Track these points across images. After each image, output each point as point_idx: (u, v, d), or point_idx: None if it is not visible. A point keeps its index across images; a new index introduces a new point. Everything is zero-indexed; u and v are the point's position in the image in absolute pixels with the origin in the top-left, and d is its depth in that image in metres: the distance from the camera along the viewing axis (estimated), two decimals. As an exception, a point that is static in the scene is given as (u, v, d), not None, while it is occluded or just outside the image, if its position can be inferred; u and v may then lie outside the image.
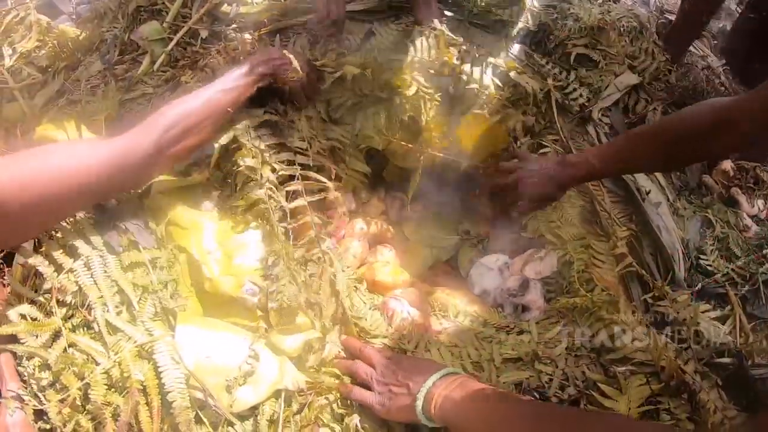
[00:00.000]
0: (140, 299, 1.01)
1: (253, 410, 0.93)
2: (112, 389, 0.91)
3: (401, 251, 1.41)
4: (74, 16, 2.05)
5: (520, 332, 1.19)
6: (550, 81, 1.49)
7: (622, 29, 1.67)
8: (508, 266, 1.33)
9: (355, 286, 1.26)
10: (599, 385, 1.04)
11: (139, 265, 1.05)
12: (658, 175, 1.48)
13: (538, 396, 1.04)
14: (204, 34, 1.56)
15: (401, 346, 1.09)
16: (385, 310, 1.19)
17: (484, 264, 1.34)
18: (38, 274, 1.00)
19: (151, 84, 1.50)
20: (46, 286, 0.99)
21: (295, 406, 0.93)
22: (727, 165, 1.60)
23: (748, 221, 1.51)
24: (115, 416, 0.88)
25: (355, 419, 0.91)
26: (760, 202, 1.55)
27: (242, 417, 0.93)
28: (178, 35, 1.56)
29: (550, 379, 1.07)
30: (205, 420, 0.91)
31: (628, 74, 1.59)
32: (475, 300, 1.29)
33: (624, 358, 1.07)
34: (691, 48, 1.90)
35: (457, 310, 1.23)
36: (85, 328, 0.97)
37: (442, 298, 1.26)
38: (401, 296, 1.22)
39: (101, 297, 0.99)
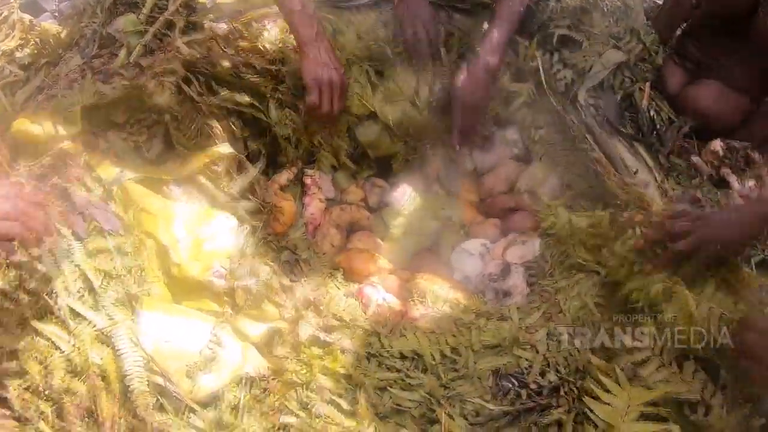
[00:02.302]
0: (103, 285, 0.97)
1: (215, 397, 0.88)
2: (73, 375, 0.87)
3: (381, 238, 1.34)
4: (57, 14, 2.01)
5: (501, 318, 1.13)
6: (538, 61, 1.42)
7: (606, 9, 1.59)
8: (490, 251, 1.26)
9: (330, 273, 1.20)
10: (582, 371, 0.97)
11: (104, 251, 1.01)
12: (645, 154, 1.40)
13: (516, 382, 0.97)
14: (180, 24, 1.51)
15: (376, 330, 1.03)
16: (361, 297, 1.12)
17: (465, 249, 1.27)
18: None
19: (127, 76, 1.45)
20: (12, 274, 0.95)
21: (255, 393, 0.87)
22: (717, 145, 1.51)
23: (740, 202, 1.43)
24: (76, 402, 0.84)
25: (320, 408, 0.85)
26: (751, 183, 1.47)
27: (204, 404, 0.88)
28: (154, 27, 1.52)
29: (530, 366, 1.00)
30: (167, 406, 0.86)
31: (613, 51, 1.51)
32: (457, 286, 1.22)
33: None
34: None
35: (436, 296, 1.16)
36: (51, 315, 0.93)
37: (421, 284, 1.19)
38: (378, 283, 1.16)
39: (64, 283, 0.95)
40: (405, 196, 1.32)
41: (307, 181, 1.32)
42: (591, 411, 0.89)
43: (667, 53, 1.65)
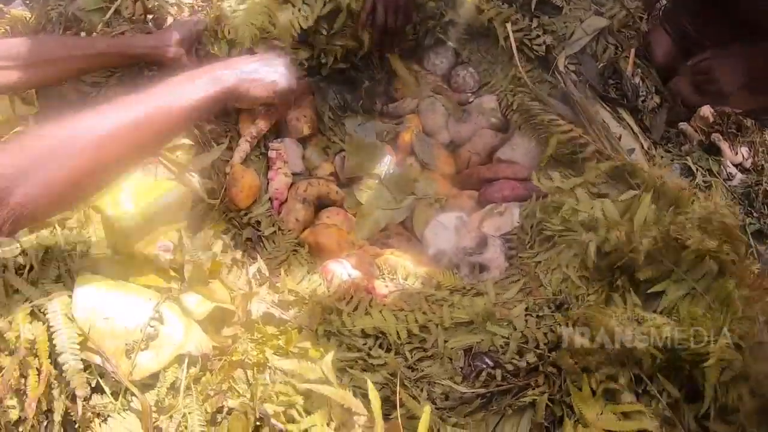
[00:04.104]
0: (44, 260, 0.88)
1: (156, 378, 0.77)
2: (5, 352, 0.78)
3: (351, 214, 1.23)
4: (28, 1, 1.91)
5: (477, 294, 1.01)
6: (508, 26, 1.31)
7: (587, -28, 1.48)
8: (465, 224, 1.15)
9: (294, 250, 1.09)
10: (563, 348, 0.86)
11: (47, 226, 0.92)
12: (630, 120, 1.29)
13: (491, 363, 0.86)
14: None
15: (338, 308, 0.91)
16: (324, 273, 1.01)
17: (440, 222, 1.16)
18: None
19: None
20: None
21: (197, 373, 0.76)
22: (707, 111, 1.40)
23: (732, 169, 1.31)
24: (4, 379, 0.75)
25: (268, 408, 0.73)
26: (744, 150, 1.36)
27: (144, 385, 0.77)
28: (116, 4, 1.41)
29: (506, 344, 0.89)
30: (105, 388, 0.76)
31: (595, 17, 1.40)
32: (429, 262, 1.11)
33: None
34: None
35: (406, 272, 1.06)
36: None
37: (391, 260, 1.08)
38: (344, 259, 1.05)
39: (3, 259, 0.86)
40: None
41: (272, 154, 1.20)
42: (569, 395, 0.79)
43: (655, 21, 1.54)
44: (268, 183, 1.19)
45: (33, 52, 1.01)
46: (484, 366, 0.86)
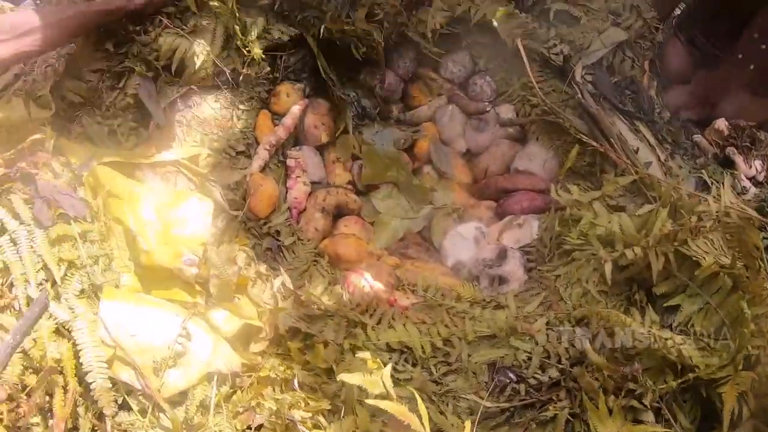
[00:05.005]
0: (66, 275, 0.87)
1: (184, 395, 0.76)
2: (30, 370, 0.77)
3: (369, 223, 1.22)
4: (38, 1, 1.88)
5: (497, 307, 1.01)
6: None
7: (604, -17, 1.45)
8: (485, 235, 1.14)
9: (314, 260, 1.08)
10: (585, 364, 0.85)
11: (68, 239, 0.91)
12: (647, 133, 1.27)
13: (514, 377, 0.85)
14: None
15: (362, 321, 0.90)
16: (346, 285, 1.00)
17: (458, 233, 1.15)
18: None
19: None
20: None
21: (226, 391, 0.75)
22: (722, 124, 1.38)
23: (746, 183, 1.30)
24: (32, 399, 0.75)
25: (296, 414, 0.72)
26: (757, 163, 1.34)
27: (173, 402, 0.76)
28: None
29: (529, 358, 0.88)
30: (132, 405, 0.75)
31: (614, 30, 1.38)
32: (448, 273, 1.10)
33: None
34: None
35: (427, 283, 1.04)
36: (13, 309, 0.83)
37: (411, 271, 1.07)
38: (364, 270, 1.03)
39: (24, 273, 0.85)
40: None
41: (291, 163, 1.19)
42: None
43: (670, 32, 1.53)
44: (286, 192, 1.17)
45: (28, 22, 1.01)
46: (508, 380, 0.85)
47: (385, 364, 0.85)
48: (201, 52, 1.12)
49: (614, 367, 0.83)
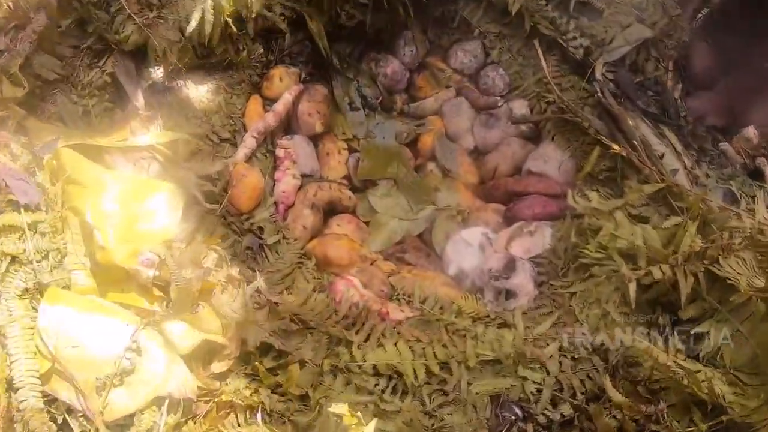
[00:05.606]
0: (7, 270, 0.75)
1: (130, 419, 0.64)
2: None
3: (364, 223, 1.09)
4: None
5: (503, 325, 0.88)
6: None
7: (629, -25, 1.33)
8: (492, 242, 1.01)
9: (299, 263, 0.95)
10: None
11: (15, 230, 0.79)
12: (673, 138, 1.15)
13: (520, 413, 0.72)
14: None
15: (347, 338, 0.77)
16: (332, 293, 0.87)
17: (462, 239, 1.02)
18: None
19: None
20: None
21: (176, 419, 0.62)
22: (751, 132, 1.26)
23: (777, 196, 1.17)
24: None
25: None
26: (790, 175, 1.22)
27: (118, 426, 0.64)
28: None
29: (539, 391, 0.75)
30: (73, 427, 0.63)
31: (639, 26, 1.26)
32: (449, 283, 0.98)
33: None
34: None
35: (425, 294, 0.92)
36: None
37: (407, 279, 0.94)
38: (355, 276, 0.91)
39: None
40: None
41: (280, 153, 1.06)
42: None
43: (696, 33, 1.41)
44: (273, 184, 1.05)
45: None
46: (514, 417, 0.73)
47: (370, 393, 0.72)
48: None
49: (636, 405, 0.71)
